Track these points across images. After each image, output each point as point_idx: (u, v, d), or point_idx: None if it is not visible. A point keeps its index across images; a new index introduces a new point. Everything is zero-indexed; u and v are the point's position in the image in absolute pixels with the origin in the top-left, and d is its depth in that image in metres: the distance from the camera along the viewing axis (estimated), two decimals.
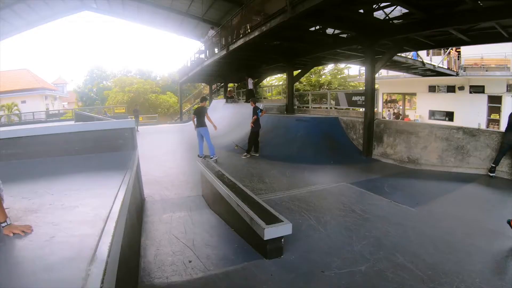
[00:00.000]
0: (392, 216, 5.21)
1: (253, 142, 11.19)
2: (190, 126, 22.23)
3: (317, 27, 12.34)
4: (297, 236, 4.02)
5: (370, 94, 10.57)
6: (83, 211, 2.63)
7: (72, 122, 17.44)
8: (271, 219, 3.64)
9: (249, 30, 12.47)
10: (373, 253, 3.86)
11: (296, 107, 16.70)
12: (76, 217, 2.49)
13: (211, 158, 10.15)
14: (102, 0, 26.29)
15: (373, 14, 10.33)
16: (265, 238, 3.48)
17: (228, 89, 25.19)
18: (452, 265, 3.66)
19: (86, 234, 2.14)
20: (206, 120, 10.52)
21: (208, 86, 31.31)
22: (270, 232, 3.47)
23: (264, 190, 7.11)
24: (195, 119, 10.48)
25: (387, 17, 10.56)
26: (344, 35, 12.44)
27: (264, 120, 11.62)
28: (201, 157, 10.11)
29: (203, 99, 11.42)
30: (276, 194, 6.63)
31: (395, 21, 10.56)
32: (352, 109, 14.05)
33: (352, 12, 9.59)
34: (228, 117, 17.12)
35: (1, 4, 21.85)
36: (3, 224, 2.20)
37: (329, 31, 12.65)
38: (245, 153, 11.17)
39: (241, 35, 13.22)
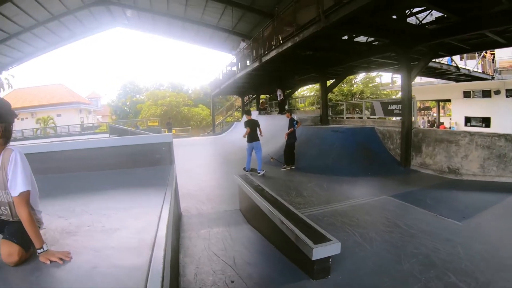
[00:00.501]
0: (439, 231, 5.02)
1: (289, 154, 11.07)
2: (223, 139, 22.40)
3: (350, 36, 12.21)
4: (343, 254, 3.82)
5: (407, 102, 10.36)
6: (125, 235, 2.51)
7: (107, 135, 17.81)
8: (318, 238, 3.52)
9: (281, 41, 12.46)
10: (423, 272, 3.70)
11: (330, 117, 16.51)
12: (119, 243, 2.36)
13: (259, 173, 10.12)
14: (133, 16, 27.00)
15: (406, 20, 10.16)
16: (313, 259, 3.34)
17: (261, 100, 25.20)
18: (505, 283, 3.49)
19: (132, 264, 2.00)
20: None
21: (240, 98, 31.41)
22: (319, 252, 3.34)
23: (303, 204, 7.02)
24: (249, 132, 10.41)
25: (420, 23, 10.37)
26: (378, 43, 12.27)
27: (298, 131, 11.50)
28: (247, 171, 10.13)
29: (248, 112, 11.37)
30: (317, 209, 6.51)
31: (429, 26, 10.34)
32: (388, 118, 13.79)
33: (385, 19, 9.44)
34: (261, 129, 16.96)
35: (35, 22, 22.75)
36: (39, 251, 2.09)
37: (362, 39, 12.52)
38: (284, 165, 11.07)
39: (273, 47, 13.23)
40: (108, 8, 26.28)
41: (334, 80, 17.53)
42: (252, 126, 10.40)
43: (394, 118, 13.22)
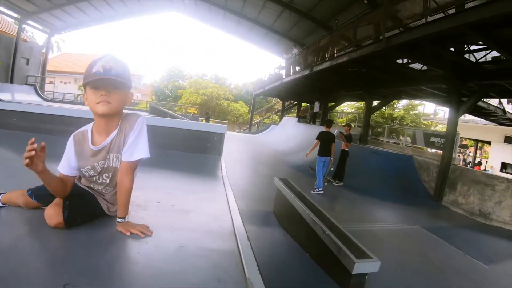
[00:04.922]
0: (466, 270, 5.12)
1: (343, 169, 10.70)
2: (258, 138, 22.45)
3: (405, 61, 12.26)
4: (374, 274, 3.75)
5: (451, 137, 10.31)
6: (203, 219, 2.35)
7: (146, 114, 18.18)
8: (360, 254, 3.60)
9: (335, 54, 12.57)
10: None
11: (369, 138, 16.47)
12: (199, 225, 2.20)
13: (315, 190, 9.20)
14: (190, 3, 27.43)
15: (463, 55, 10.16)
16: (353, 272, 3.43)
17: (302, 108, 25.18)
18: None
19: (222, 249, 1.87)
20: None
21: (281, 102, 31.57)
22: (359, 267, 3.42)
23: (335, 219, 7.06)
24: (319, 145, 9.51)
25: (477, 61, 10.32)
26: (431, 72, 12.15)
27: (338, 147, 10.54)
28: (320, 191, 9.21)
29: (330, 122, 10.16)
30: (348, 226, 6.51)
31: (485, 66, 10.27)
32: (424, 149, 13.70)
33: (444, 50, 9.51)
34: (298, 137, 17.25)
35: None
36: (120, 219, 1.90)
37: (415, 65, 12.50)
38: (336, 181, 10.67)
39: (327, 58, 13.35)
40: None
41: (379, 101, 17.51)
42: (323, 139, 9.46)
43: (433, 151, 13.11)
